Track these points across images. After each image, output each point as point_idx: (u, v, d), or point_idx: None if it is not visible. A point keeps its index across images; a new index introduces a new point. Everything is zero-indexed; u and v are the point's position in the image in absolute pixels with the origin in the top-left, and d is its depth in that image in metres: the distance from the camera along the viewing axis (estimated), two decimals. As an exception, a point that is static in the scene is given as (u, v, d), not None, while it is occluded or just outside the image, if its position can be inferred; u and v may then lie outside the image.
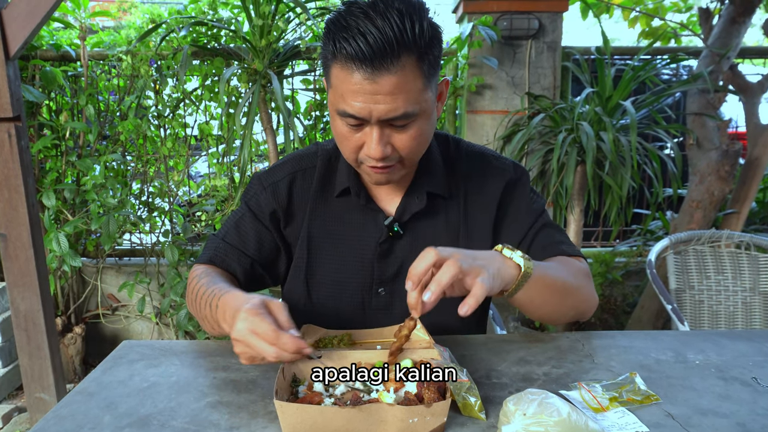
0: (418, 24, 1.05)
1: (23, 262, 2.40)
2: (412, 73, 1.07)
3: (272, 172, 1.39)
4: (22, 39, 2.24)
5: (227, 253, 1.35)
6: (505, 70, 3.40)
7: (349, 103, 1.09)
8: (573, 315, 1.30)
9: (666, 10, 4.09)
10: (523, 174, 1.41)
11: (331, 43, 1.08)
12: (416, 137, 1.15)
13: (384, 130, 1.13)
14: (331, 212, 1.36)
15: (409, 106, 1.09)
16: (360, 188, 1.33)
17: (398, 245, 1.34)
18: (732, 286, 2.27)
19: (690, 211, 3.27)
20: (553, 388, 1.07)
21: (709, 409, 1.01)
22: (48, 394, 2.50)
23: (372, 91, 1.06)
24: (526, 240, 1.36)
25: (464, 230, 1.36)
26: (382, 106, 1.07)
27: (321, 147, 1.40)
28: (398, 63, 1.05)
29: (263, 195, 1.36)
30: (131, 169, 3.58)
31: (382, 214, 1.33)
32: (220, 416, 0.99)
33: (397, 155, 1.17)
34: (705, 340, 1.31)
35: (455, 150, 1.41)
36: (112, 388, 1.10)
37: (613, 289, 3.73)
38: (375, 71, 1.04)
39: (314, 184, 1.36)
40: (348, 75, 1.07)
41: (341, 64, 1.07)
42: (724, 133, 3.25)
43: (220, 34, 3.27)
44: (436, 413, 0.91)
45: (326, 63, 1.13)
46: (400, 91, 1.07)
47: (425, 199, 1.32)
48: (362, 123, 1.12)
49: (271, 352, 0.94)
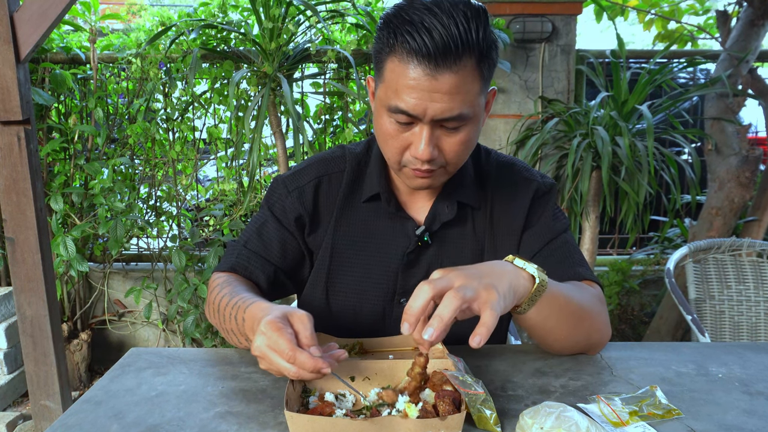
0: (482, 27, 1.04)
1: (30, 267, 2.39)
2: (471, 75, 1.05)
3: (297, 175, 1.34)
4: (33, 42, 2.24)
5: (249, 261, 1.30)
6: (518, 73, 3.37)
7: (403, 99, 1.06)
8: (584, 345, 1.24)
9: (682, 12, 4.06)
10: (553, 187, 1.38)
11: (392, 36, 1.05)
12: (464, 142, 1.12)
13: (434, 131, 1.10)
14: (358, 219, 1.32)
15: (465, 107, 1.07)
16: (390, 195, 1.30)
17: (424, 255, 1.31)
18: (754, 297, 2.22)
19: (709, 219, 3.23)
20: (571, 401, 1.05)
21: (733, 425, 0.97)
22: (53, 402, 2.48)
23: (430, 88, 1.03)
24: (541, 255, 1.32)
25: (490, 241, 1.32)
26: (439, 105, 1.05)
27: (348, 150, 1.37)
28: (460, 62, 1.03)
29: (288, 199, 1.32)
30: (139, 172, 3.57)
31: (412, 222, 1.30)
32: (229, 426, 0.98)
33: (442, 159, 1.14)
34: (728, 353, 1.28)
35: (486, 160, 1.38)
36: (119, 397, 1.09)
37: (630, 298, 3.68)
38: (437, 68, 1.02)
39: (342, 188, 1.32)
40: (406, 69, 1.04)
41: (400, 58, 1.04)
42: (744, 138, 3.21)
43: (230, 37, 3.27)
44: (450, 426, 0.89)
45: (380, 57, 1.10)
46: (458, 92, 1.05)
47: (456, 209, 1.29)
48: (412, 122, 1.09)
49: (290, 370, 0.90)
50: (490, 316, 0.92)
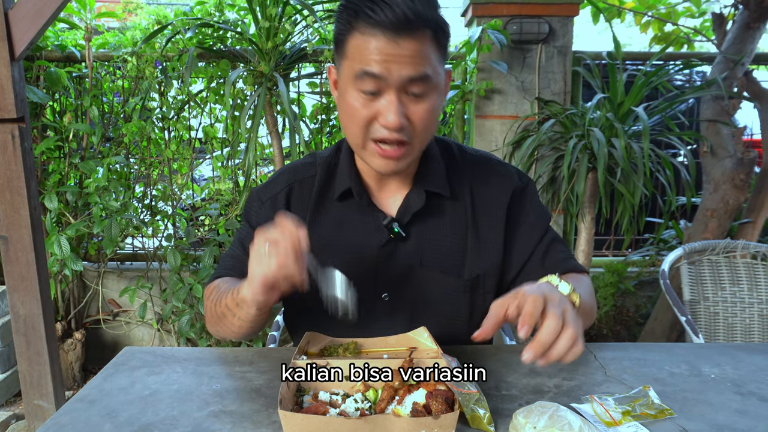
0: (436, 7, 1.14)
1: (24, 266, 2.38)
2: (429, 43, 1.12)
3: (269, 186, 1.39)
4: (28, 40, 2.23)
5: (234, 269, 1.35)
6: (514, 74, 3.37)
7: (369, 63, 1.10)
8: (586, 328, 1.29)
9: (679, 15, 4.06)
10: (530, 182, 1.41)
11: (352, 15, 1.11)
12: (430, 110, 1.16)
13: (401, 98, 1.13)
14: (331, 218, 1.33)
15: (429, 70, 1.12)
16: (362, 189, 1.31)
17: (402, 248, 1.31)
18: (748, 298, 2.23)
19: (704, 220, 3.23)
20: (564, 400, 1.05)
21: (725, 425, 0.98)
22: (47, 401, 2.47)
23: (394, 53, 1.09)
24: (538, 252, 1.35)
25: (473, 234, 1.33)
26: (404, 66, 1.10)
27: (318, 156, 1.40)
28: (419, 32, 1.09)
29: (262, 210, 1.36)
30: (134, 171, 3.56)
31: (382, 214, 1.30)
32: (223, 426, 0.98)
33: (410, 131, 1.16)
34: (721, 354, 1.29)
35: (459, 154, 1.40)
36: (113, 396, 1.09)
37: (626, 299, 3.69)
38: (398, 35, 1.08)
39: (313, 192, 1.35)
40: (369, 41, 1.09)
41: (362, 32, 1.10)
42: (739, 140, 3.21)
43: (227, 36, 3.27)
44: (443, 425, 0.89)
45: (341, 38, 1.15)
46: (419, 55, 1.10)
47: (424, 197, 1.29)
48: (379, 91, 1.12)
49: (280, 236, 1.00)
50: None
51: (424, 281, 1.30)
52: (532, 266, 1.34)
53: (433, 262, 1.31)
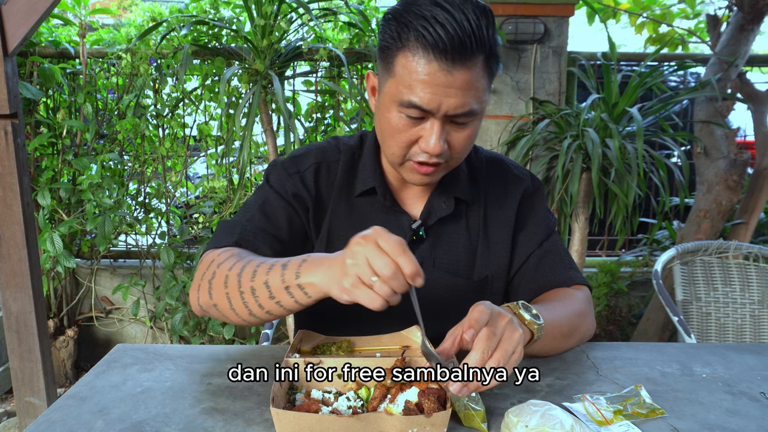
0: (491, 25, 1.06)
1: (16, 262, 2.37)
2: (481, 71, 1.07)
3: (295, 161, 1.32)
4: (21, 35, 2.22)
5: (256, 236, 1.22)
6: (509, 74, 3.37)
7: (417, 94, 1.06)
8: (574, 346, 1.31)
9: (673, 16, 4.08)
10: (541, 186, 1.41)
11: (404, 31, 1.05)
12: (471, 137, 1.14)
13: (444, 125, 1.10)
14: (353, 211, 1.31)
15: (476, 103, 1.08)
16: (386, 189, 1.29)
17: (417, 249, 1.31)
18: (740, 299, 2.23)
19: (697, 221, 3.24)
20: (556, 399, 1.05)
21: (716, 424, 0.98)
22: (38, 399, 2.46)
23: (445, 83, 1.04)
24: (534, 257, 1.35)
25: (483, 237, 1.33)
26: (453, 100, 1.05)
27: (342, 141, 1.37)
28: (473, 59, 1.04)
29: (289, 181, 1.29)
30: (128, 169, 3.55)
31: (407, 216, 1.30)
32: (215, 423, 0.97)
33: (448, 154, 1.14)
34: (712, 353, 1.29)
35: (475, 155, 1.39)
36: (104, 393, 1.08)
37: (619, 299, 3.70)
38: (453, 64, 1.03)
39: (338, 178, 1.32)
40: (420, 65, 1.04)
41: (413, 52, 1.04)
42: (733, 141, 3.23)
43: (222, 34, 3.26)
44: (436, 424, 0.89)
45: (389, 52, 1.09)
46: (471, 87, 1.06)
47: (453, 204, 1.29)
48: (424, 117, 1.09)
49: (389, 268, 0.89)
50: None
51: (435, 282, 1.29)
52: (526, 271, 1.35)
53: (446, 264, 1.31)
